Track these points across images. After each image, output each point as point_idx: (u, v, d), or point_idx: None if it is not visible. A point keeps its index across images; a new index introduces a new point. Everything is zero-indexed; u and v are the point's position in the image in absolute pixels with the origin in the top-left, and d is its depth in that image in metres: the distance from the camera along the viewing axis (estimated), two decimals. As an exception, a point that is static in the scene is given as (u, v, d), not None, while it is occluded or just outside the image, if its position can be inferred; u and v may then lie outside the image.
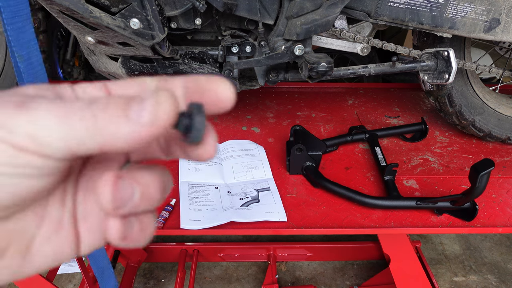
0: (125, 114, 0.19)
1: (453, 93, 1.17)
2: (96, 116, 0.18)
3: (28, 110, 0.18)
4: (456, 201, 0.92)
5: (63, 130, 0.18)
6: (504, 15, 0.96)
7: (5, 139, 0.18)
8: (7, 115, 0.18)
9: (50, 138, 0.18)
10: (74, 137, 0.18)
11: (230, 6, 0.90)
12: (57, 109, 0.18)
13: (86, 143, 0.19)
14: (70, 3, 0.76)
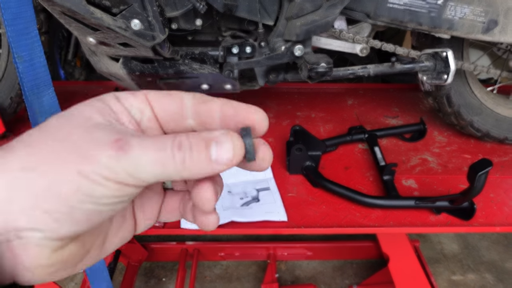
0: (208, 156, 0.23)
1: (451, 94, 1.18)
2: (184, 159, 0.23)
3: (127, 154, 0.22)
4: (454, 200, 0.93)
5: (157, 170, 0.23)
6: (502, 16, 0.97)
7: (111, 178, 0.22)
8: (111, 158, 0.22)
9: (146, 175, 0.23)
10: (165, 175, 0.23)
11: (230, 7, 0.90)
12: (152, 152, 0.23)
13: (172, 177, 0.24)
14: (71, 4, 0.76)
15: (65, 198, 0.22)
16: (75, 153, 0.22)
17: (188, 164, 0.23)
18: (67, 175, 0.22)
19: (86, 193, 0.22)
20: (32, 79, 0.79)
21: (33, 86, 0.79)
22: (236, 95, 1.44)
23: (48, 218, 0.22)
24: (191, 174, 0.23)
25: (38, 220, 0.22)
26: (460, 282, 1.31)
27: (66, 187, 0.22)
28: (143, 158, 0.22)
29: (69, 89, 1.52)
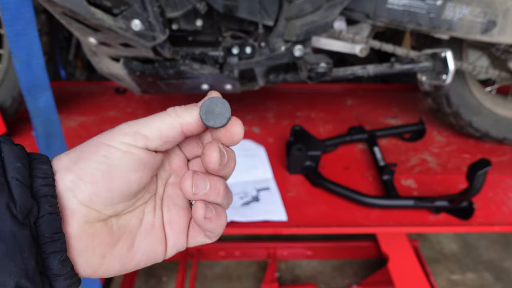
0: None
1: (450, 94, 1.18)
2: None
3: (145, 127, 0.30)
4: (453, 200, 0.93)
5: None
6: (501, 17, 0.97)
7: (124, 141, 0.28)
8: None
9: (147, 131, 0.29)
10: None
11: (231, 8, 0.91)
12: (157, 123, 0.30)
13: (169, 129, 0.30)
14: (72, 5, 0.77)
15: (90, 159, 0.28)
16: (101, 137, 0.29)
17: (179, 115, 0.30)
18: (91, 144, 0.29)
19: (103, 155, 0.28)
20: (29, 80, 0.79)
21: (29, 87, 0.80)
22: (237, 95, 1.45)
23: (75, 178, 0.27)
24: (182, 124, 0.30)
25: (68, 179, 0.27)
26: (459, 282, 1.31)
27: (91, 152, 0.28)
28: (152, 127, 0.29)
29: (70, 89, 1.53)
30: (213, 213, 0.30)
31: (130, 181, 0.29)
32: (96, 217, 0.28)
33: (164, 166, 0.34)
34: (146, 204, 0.33)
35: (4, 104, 1.17)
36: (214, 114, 0.30)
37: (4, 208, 0.23)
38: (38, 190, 0.26)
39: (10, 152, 0.26)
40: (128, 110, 1.40)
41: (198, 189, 0.30)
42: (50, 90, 0.82)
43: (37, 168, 0.27)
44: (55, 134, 0.85)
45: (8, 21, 0.73)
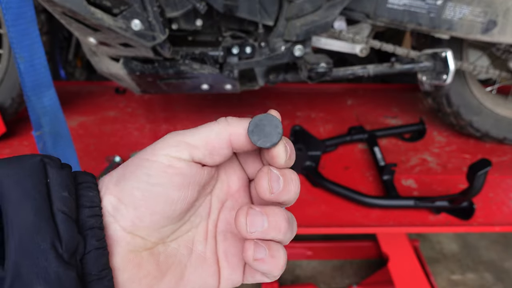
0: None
1: (451, 94, 1.18)
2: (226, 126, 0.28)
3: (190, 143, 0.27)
4: (453, 200, 0.93)
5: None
6: (501, 17, 0.97)
7: (166, 154, 0.26)
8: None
9: (192, 141, 0.27)
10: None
11: (231, 8, 0.91)
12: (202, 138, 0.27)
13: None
14: (72, 4, 0.77)
15: (128, 178, 0.25)
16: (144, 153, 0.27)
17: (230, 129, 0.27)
18: (134, 161, 0.27)
19: (144, 172, 0.25)
20: (33, 80, 0.79)
21: (34, 87, 0.80)
22: (237, 95, 1.44)
23: (116, 201, 0.25)
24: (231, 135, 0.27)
25: (109, 203, 0.25)
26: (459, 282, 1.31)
27: (130, 169, 0.26)
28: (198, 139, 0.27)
29: (70, 89, 1.53)
30: (266, 253, 0.26)
31: (173, 200, 0.26)
32: (142, 245, 0.26)
33: (221, 186, 0.30)
34: (197, 229, 0.29)
35: (3, 104, 1.17)
36: (263, 131, 0.26)
37: (49, 247, 0.21)
38: (84, 222, 0.24)
39: (57, 179, 0.24)
40: (128, 110, 1.40)
41: (254, 227, 0.26)
42: (53, 88, 0.82)
43: (83, 195, 0.25)
44: (62, 132, 0.85)
45: (11, 21, 0.73)
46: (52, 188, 0.23)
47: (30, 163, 0.24)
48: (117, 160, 1.08)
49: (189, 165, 0.26)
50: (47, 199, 0.23)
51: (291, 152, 0.27)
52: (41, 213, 0.22)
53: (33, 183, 0.23)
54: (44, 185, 0.23)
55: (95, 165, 1.10)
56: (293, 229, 0.28)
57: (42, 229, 0.22)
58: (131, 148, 1.17)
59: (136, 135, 1.25)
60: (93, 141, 1.21)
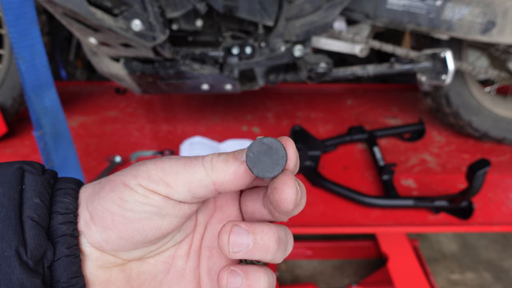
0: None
1: (450, 94, 1.18)
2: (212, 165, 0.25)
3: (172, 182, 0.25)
4: (453, 200, 0.93)
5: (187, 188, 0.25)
6: (500, 17, 0.98)
7: (142, 185, 0.24)
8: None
9: (171, 179, 0.25)
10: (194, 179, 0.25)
11: (231, 8, 0.91)
12: (184, 176, 0.25)
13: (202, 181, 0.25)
14: (73, 5, 0.77)
15: (103, 197, 0.24)
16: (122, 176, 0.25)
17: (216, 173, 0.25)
18: (111, 180, 0.25)
19: (118, 196, 0.24)
20: (34, 80, 0.79)
21: (35, 87, 0.80)
22: (237, 95, 1.45)
23: (88, 218, 0.25)
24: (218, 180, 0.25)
25: (82, 218, 0.25)
26: (459, 281, 1.31)
27: (106, 189, 0.25)
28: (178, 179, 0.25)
29: (70, 89, 1.53)
30: (242, 282, 0.23)
31: (144, 230, 0.24)
32: (112, 262, 0.25)
33: (208, 200, 0.28)
34: (180, 245, 0.28)
35: (4, 104, 1.17)
36: (262, 160, 0.23)
37: (12, 254, 0.21)
38: (56, 229, 0.23)
39: (31, 185, 0.24)
40: (128, 110, 1.40)
41: (237, 247, 0.23)
42: (54, 88, 0.83)
43: (58, 202, 0.24)
44: (63, 132, 0.86)
45: (12, 21, 0.73)
46: (25, 195, 0.23)
47: (7, 171, 0.24)
48: (117, 160, 1.08)
49: (165, 200, 0.24)
50: (17, 206, 0.23)
51: (296, 162, 0.25)
52: (7, 220, 0.22)
53: (5, 190, 0.23)
54: (17, 192, 0.23)
55: (95, 165, 1.10)
56: (286, 248, 0.25)
57: (6, 236, 0.21)
58: (131, 148, 1.18)
59: (136, 135, 1.25)
60: (93, 141, 1.21)
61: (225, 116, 1.36)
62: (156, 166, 0.25)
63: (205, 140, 1.20)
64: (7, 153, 1.15)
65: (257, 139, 0.24)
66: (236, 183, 0.25)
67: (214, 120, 1.33)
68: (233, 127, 1.31)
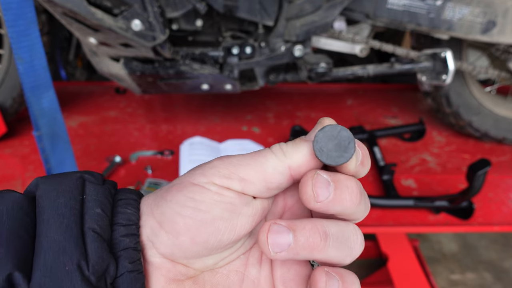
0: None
1: (450, 94, 1.18)
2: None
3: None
4: (453, 200, 0.93)
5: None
6: (500, 17, 0.97)
7: (214, 182, 0.23)
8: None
9: (240, 172, 0.23)
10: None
11: (231, 8, 0.91)
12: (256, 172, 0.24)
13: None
14: (72, 5, 0.77)
15: (171, 200, 0.23)
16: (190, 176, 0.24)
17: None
18: (176, 183, 0.24)
19: (189, 197, 0.22)
20: (32, 80, 0.79)
21: (33, 88, 0.80)
22: (237, 95, 1.45)
23: (155, 225, 0.23)
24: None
25: (148, 226, 0.23)
26: (459, 281, 1.31)
27: (172, 191, 0.23)
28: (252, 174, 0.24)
29: (70, 89, 1.53)
30: (339, 286, 0.22)
31: (219, 231, 0.23)
32: (184, 273, 0.23)
33: (277, 201, 0.27)
34: (250, 252, 0.26)
35: (4, 104, 1.17)
36: (332, 148, 0.23)
37: (74, 269, 0.20)
38: (118, 242, 0.22)
39: (92, 195, 0.22)
40: (128, 110, 1.40)
41: (277, 246, 0.22)
42: (53, 90, 0.82)
43: (120, 213, 0.23)
44: (60, 133, 0.85)
45: (11, 21, 0.73)
46: (86, 205, 0.22)
47: (68, 180, 0.23)
48: (117, 160, 1.08)
49: (239, 196, 0.23)
50: (79, 216, 0.21)
51: (364, 156, 0.23)
52: (69, 231, 0.21)
53: (65, 200, 0.22)
54: (78, 202, 0.22)
55: (95, 165, 1.10)
56: (345, 245, 0.23)
57: (68, 249, 0.20)
58: (131, 148, 1.18)
59: (136, 135, 1.25)
60: (93, 141, 1.21)
61: (225, 116, 1.36)
62: (223, 161, 0.24)
63: (205, 140, 1.20)
64: (7, 153, 1.15)
65: (322, 128, 0.23)
66: (312, 163, 0.23)
67: (214, 120, 1.33)
68: (233, 127, 1.30)
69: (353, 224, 0.24)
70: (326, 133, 0.23)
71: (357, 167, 0.23)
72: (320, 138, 0.23)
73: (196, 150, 1.14)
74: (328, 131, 0.23)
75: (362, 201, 0.23)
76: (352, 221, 0.24)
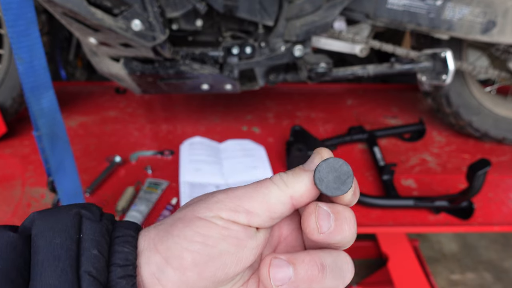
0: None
1: (450, 94, 1.18)
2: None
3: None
4: (453, 200, 0.93)
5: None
6: (500, 17, 0.97)
7: (220, 216, 0.24)
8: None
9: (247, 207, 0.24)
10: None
11: (231, 8, 0.91)
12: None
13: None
14: (72, 5, 0.77)
15: (178, 235, 0.23)
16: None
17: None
18: (181, 217, 0.24)
19: (196, 231, 0.23)
20: (32, 81, 0.79)
21: (33, 88, 0.80)
22: (237, 95, 1.45)
23: (161, 261, 0.23)
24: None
25: (153, 262, 0.23)
26: (459, 281, 1.31)
27: (178, 226, 0.23)
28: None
29: (70, 89, 1.53)
30: None
31: (226, 266, 0.23)
32: None
33: (273, 232, 0.27)
34: (248, 284, 0.26)
35: (4, 104, 1.17)
36: (332, 179, 0.24)
37: None
38: (115, 284, 0.21)
39: (89, 234, 0.22)
40: (128, 110, 1.40)
41: (279, 280, 0.23)
42: (53, 90, 0.82)
43: (117, 252, 0.22)
44: (60, 134, 0.85)
45: (11, 21, 0.73)
46: (83, 245, 0.21)
47: (65, 217, 0.22)
48: (117, 160, 1.08)
49: (245, 229, 0.23)
50: (75, 258, 0.21)
51: (355, 188, 0.25)
52: (64, 276, 0.20)
53: (62, 240, 0.21)
54: (74, 242, 0.21)
55: (95, 165, 1.10)
56: (339, 275, 0.24)
57: None
58: (131, 148, 1.18)
59: (136, 135, 1.25)
60: (93, 141, 1.21)
61: (225, 116, 1.36)
62: (228, 195, 0.24)
63: (205, 140, 1.20)
64: (7, 153, 1.15)
65: (325, 159, 0.24)
66: (313, 192, 0.24)
67: (214, 120, 1.33)
68: (233, 127, 1.30)
69: (344, 252, 0.25)
70: (328, 164, 0.24)
71: (352, 198, 0.25)
72: (323, 168, 0.24)
73: (196, 150, 1.14)
74: (331, 163, 0.24)
75: (356, 229, 0.24)
76: (342, 248, 0.25)
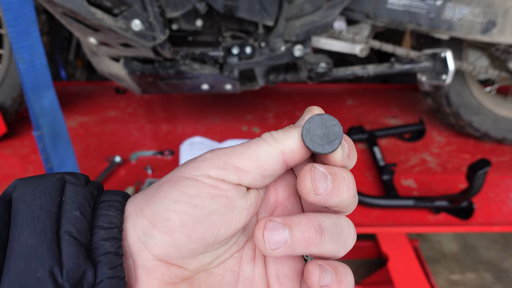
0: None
1: (450, 94, 1.18)
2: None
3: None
4: (453, 200, 0.93)
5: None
6: (500, 17, 0.97)
7: (207, 174, 0.22)
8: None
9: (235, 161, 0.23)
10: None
11: (231, 8, 0.91)
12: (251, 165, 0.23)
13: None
14: (72, 5, 0.77)
15: (163, 197, 0.22)
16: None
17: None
18: (168, 179, 0.23)
19: (183, 191, 0.22)
20: (33, 80, 0.79)
21: (34, 87, 0.80)
22: (237, 95, 1.45)
23: (147, 225, 0.22)
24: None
25: (139, 227, 0.22)
26: (459, 281, 1.31)
27: (164, 188, 0.22)
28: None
29: (70, 89, 1.53)
30: (333, 278, 0.22)
31: (215, 227, 0.22)
32: (179, 275, 0.22)
33: (269, 196, 0.26)
34: (243, 250, 0.25)
35: (4, 104, 1.17)
36: (318, 135, 0.22)
37: (46, 276, 0.18)
38: (98, 246, 0.20)
39: (71, 197, 0.21)
40: (128, 110, 1.40)
41: (274, 243, 0.22)
42: (53, 89, 0.83)
43: (101, 215, 0.21)
44: (61, 132, 0.86)
45: (11, 21, 0.73)
46: (64, 208, 0.21)
47: (47, 181, 0.21)
48: (117, 160, 1.08)
49: (235, 188, 0.22)
50: (55, 219, 0.20)
51: (350, 150, 0.23)
52: (43, 235, 0.19)
53: (42, 202, 0.20)
54: (55, 204, 0.20)
55: (95, 165, 1.10)
56: (339, 238, 0.23)
57: (40, 254, 0.19)
58: (131, 148, 1.18)
59: (136, 135, 1.25)
60: (93, 141, 1.21)
61: (225, 116, 1.36)
62: (216, 153, 0.23)
63: (205, 140, 1.20)
64: (7, 153, 1.15)
65: (320, 114, 0.23)
66: (304, 148, 0.23)
67: (214, 120, 1.33)
68: (233, 127, 1.30)
69: (345, 217, 0.24)
70: (321, 119, 0.23)
71: (344, 160, 0.23)
72: (314, 121, 0.23)
73: (196, 150, 1.14)
74: (324, 119, 0.23)
75: (355, 192, 0.23)
76: (344, 214, 0.24)
